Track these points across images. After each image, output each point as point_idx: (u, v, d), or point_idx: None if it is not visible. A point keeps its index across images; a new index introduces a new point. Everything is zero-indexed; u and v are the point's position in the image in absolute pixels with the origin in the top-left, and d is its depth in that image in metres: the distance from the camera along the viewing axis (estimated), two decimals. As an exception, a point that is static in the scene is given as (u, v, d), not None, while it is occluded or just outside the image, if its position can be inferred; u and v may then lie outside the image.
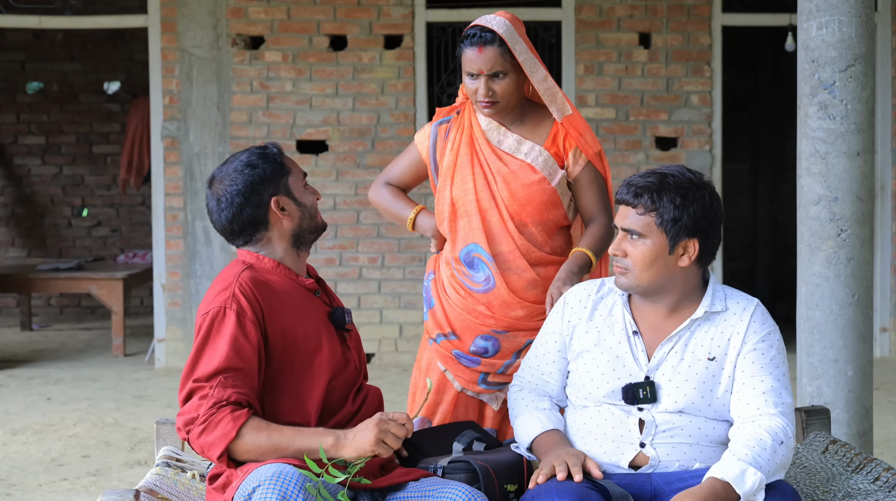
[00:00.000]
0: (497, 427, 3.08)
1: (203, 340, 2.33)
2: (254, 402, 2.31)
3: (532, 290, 3.00)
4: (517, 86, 2.97)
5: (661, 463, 2.43)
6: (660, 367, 2.47)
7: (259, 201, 2.45)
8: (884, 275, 7.23)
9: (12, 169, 10.01)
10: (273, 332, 2.37)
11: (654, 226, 2.43)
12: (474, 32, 2.94)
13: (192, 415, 2.28)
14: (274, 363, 2.38)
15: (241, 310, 2.34)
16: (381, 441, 2.27)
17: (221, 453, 2.25)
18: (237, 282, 2.38)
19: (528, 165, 2.99)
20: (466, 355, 3.02)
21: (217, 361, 2.29)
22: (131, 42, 9.57)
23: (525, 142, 3.01)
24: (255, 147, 2.51)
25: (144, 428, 5.40)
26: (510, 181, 2.98)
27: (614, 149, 7.10)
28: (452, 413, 3.06)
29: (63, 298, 9.97)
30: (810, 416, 2.88)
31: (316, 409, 2.39)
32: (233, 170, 2.46)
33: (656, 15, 7.07)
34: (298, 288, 2.48)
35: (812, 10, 3.44)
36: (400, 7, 7.04)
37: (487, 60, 2.92)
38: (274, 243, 2.49)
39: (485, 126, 3.04)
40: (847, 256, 3.44)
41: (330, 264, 7.07)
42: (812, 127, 3.46)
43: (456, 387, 3.06)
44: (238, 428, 2.24)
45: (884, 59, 7.12)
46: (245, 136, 7.00)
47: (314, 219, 2.54)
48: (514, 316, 2.99)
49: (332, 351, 2.44)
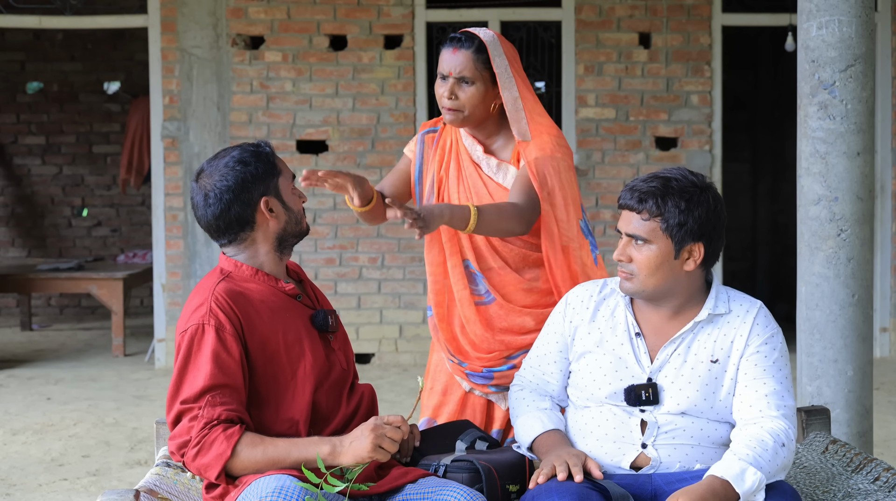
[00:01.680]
0: (504, 427, 3.04)
1: (184, 359, 2.29)
2: (245, 416, 2.29)
3: (529, 297, 2.96)
4: (483, 98, 2.88)
5: (663, 464, 2.43)
6: (662, 369, 2.46)
7: (248, 200, 2.38)
8: (884, 275, 7.23)
9: (12, 169, 10.01)
10: (253, 344, 2.33)
11: (660, 231, 2.42)
12: (456, 36, 2.91)
13: (185, 438, 2.25)
14: (256, 374, 2.34)
15: (219, 325, 2.29)
16: (379, 447, 2.25)
17: (219, 473, 2.23)
18: (213, 297, 2.32)
19: (505, 189, 2.93)
20: (478, 374, 2.99)
21: (202, 380, 2.25)
22: (131, 42, 9.57)
23: (502, 165, 2.95)
24: (248, 144, 2.44)
25: (144, 428, 5.40)
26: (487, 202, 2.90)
27: (614, 149, 7.10)
28: (458, 414, 3.03)
29: (63, 298, 9.97)
30: (810, 416, 2.88)
31: (304, 418, 2.35)
32: (223, 166, 2.39)
33: (656, 15, 7.08)
34: (278, 294, 2.43)
35: (812, 10, 3.45)
36: (400, 7, 7.04)
37: (458, 63, 2.86)
38: (258, 244, 2.43)
39: (467, 144, 2.98)
40: (847, 256, 3.44)
41: (330, 264, 7.07)
42: (812, 127, 3.46)
43: (464, 388, 3.03)
44: (233, 447, 2.22)
45: (884, 59, 7.12)
46: (245, 136, 7.00)
47: (299, 224, 2.48)
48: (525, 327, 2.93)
49: (315, 357, 2.40)
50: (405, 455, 2.53)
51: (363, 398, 2.54)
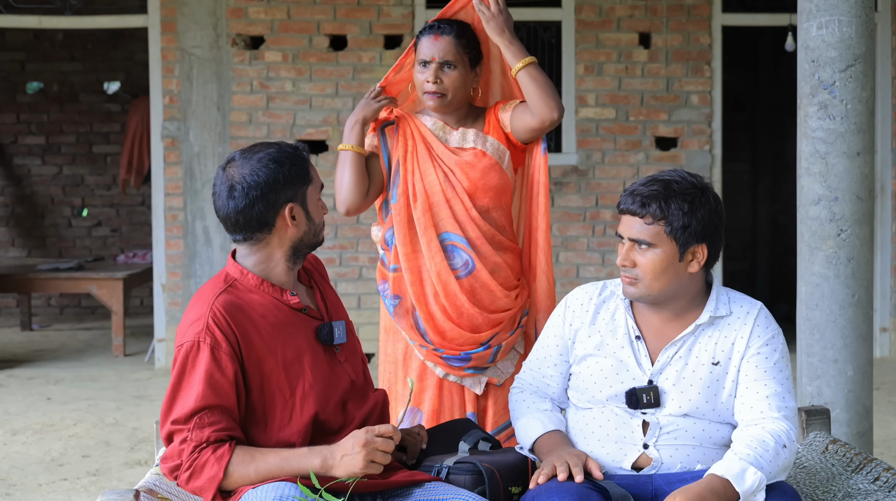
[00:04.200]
0: (476, 410, 3.11)
1: (178, 376, 2.26)
2: (235, 433, 2.25)
3: (499, 273, 3.07)
4: (464, 82, 3.05)
5: (664, 465, 2.43)
6: (663, 371, 2.46)
7: (274, 201, 2.31)
8: (884, 275, 7.23)
9: (12, 169, 10.01)
10: (249, 361, 2.28)
11: (664, 235, 2.41)
12: (435, 23, 3.05)
13: (176, 462, 2.24)
14: (252, 392, 2.30)
15: (215, 343, 2.24)
16: (371, 462, 2.22)
17: (214, 495, 2.22)
18: (211, 312, 2.26)
19: (480, 152, 3.07)
20: (455, 357, 3.05)
21: (192, 401, 2.22)
22: (131, 42, 9.57)
23: (469, 131, 3.10)
24: (287, 144, 2.37)
25: (144, 428, 5.40)
26: (468, 170, 3.06)
27: (614, 149, 7.10)
28: (438, 398, 3.09)
29: (63, 298, 9.97)
30: (810, 416, 2.88)
31: (300, 440, 2.31)
32: (256, 160, 2.31)
33: (656, 15, 7.07)
34: (282, 307, 2.36)
35: (812, 10, 3.45)
36: (400, 7, 7.04)
37: (440, 48, 3.01)
38: (272, 248, 2.37)
39: (430, 126, 3.11)
40: (847, 256, 3.44)
41: (330, 264, 7.07)
42: (812, 127, 3.46)
43: (438, 374, 3.09)
44: (224, 468, 2.20)
45: (884, 59, 7.12)
46: (245, 136, 7.00)
47: (317, 236, 2.42)
48: (497, 306, 3.05)
49: (315, 375, 2.34)
50: (411, 457, 2.52)
51: (376, 406, 2.49)
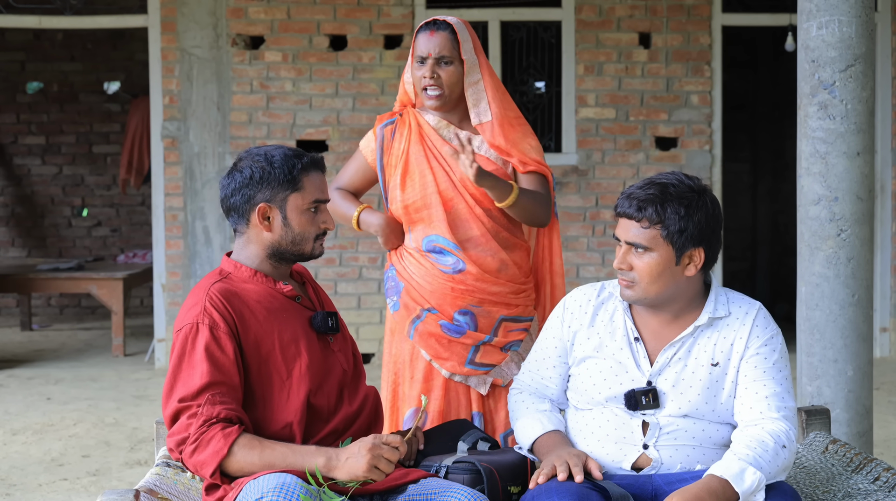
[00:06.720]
0: (482, 410, 3.12)
1: (179, 358, 2.31)
2: (244, 417, 2.30)
3: (505, 271, 3.09)
4: (460, 78, 3.07)
5: (664, 465, 2.43)
6: (662, 373, 2.46)
7: (249, 197, 2.41)
8: (884, 275, 7.23)
9: (12, 169, 10.01)
10: (247, 343, 2.35)
11: (660, 239, 2.41)
12: (430, 21, 3.08)
13: (183, 435, 2.27)
14: (251, 374, 2.35)
15: (213, 324, 2.31)
16: (374, 467, 2.24)
17: (214, 470, 2.24)
18: (207, 296, 2.35)
19: (485, 158, 3.10)
20: (451, 324, 3.07)
21: (199, 378, 2.27)
22: (131, 42, 9.57)
23: (475, 136, 3.11)
24: (294, 150, 2.45)
25: (144, 428, 5.40)
26: None
27: (614, 149, 7.10)
28: (444, 399, 3.10)
29: (63, 298, 9.97)
30: (810, 416, 2.88)
31: (298, 419, 2.36)
32: (255, 154, 2.42)
33: (656, 15, 7.07)
34: (276, 295, 2.44)
35: (812, 10, 3.45)
36: (400, 7, 7.04)
37: (437, 44, 3.04)
38: (253, 245, 2.45)
39: (434, 124, 3.12)
40: (847, 256, 3.44)
41: (330, 264, 7.07)
42: (812, 127, 3.46)
43: (444, 375, 3.10)
44: (229, 446, 2.23)
45: (884, 59, 7.12)
46: (245, 136, 7.00)
47: (299, 246, 2.45)
48: (489, 291, 3.07)
49: (311, 358, 2.41)
50: (409, 458, 2.53)
51: (367, 399, 2.54)
